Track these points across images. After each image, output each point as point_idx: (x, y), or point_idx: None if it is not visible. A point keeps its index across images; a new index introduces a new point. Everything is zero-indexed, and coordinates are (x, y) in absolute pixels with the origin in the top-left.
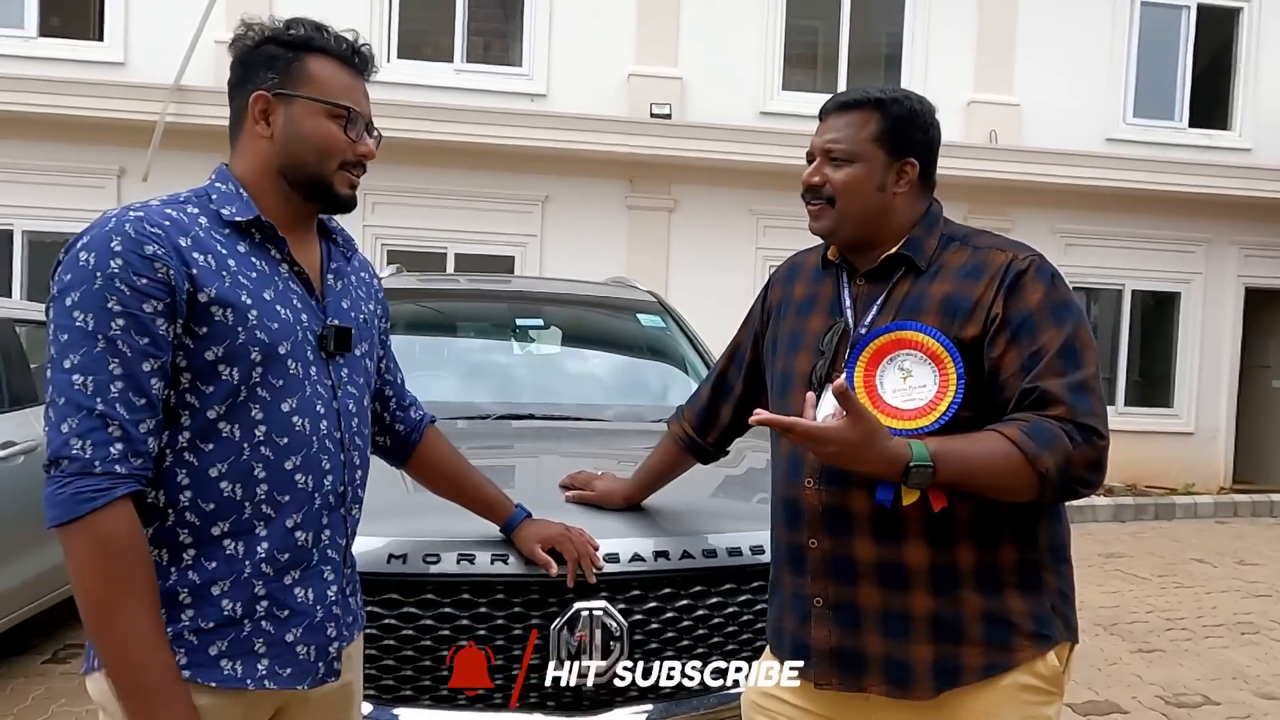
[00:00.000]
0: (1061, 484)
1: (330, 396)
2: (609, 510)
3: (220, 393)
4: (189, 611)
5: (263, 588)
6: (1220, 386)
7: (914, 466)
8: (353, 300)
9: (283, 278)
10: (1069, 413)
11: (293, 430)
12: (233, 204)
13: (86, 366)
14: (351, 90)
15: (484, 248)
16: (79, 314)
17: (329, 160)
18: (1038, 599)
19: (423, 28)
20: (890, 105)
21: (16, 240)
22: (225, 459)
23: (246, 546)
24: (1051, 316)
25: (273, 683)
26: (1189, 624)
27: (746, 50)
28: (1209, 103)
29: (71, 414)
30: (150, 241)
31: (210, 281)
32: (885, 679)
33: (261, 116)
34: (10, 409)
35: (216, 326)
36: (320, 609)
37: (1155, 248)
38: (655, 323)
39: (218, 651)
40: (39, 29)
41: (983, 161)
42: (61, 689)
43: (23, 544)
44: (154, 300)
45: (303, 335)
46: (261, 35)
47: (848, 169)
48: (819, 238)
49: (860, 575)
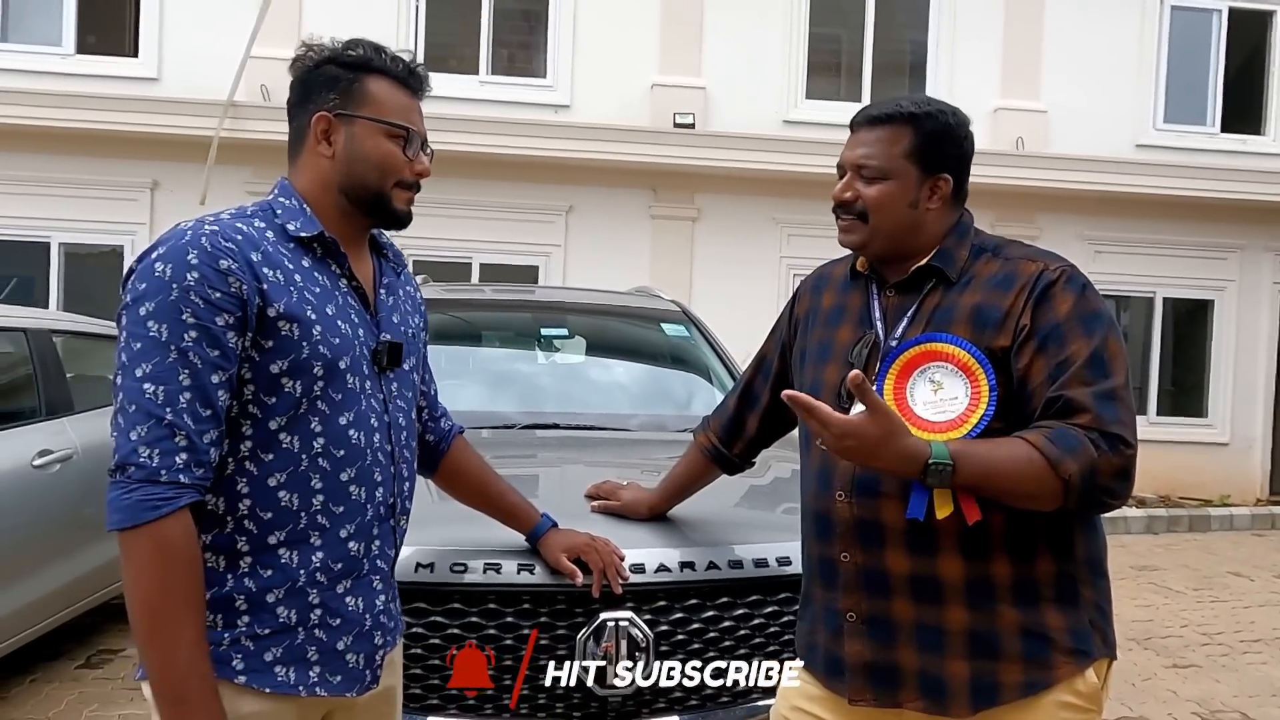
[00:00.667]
0: (1086, 492)
1: (382, 410)
2: (634, 520)
3: (282, 405)
4: (245, 618)
5: (316, 596)
6: (1256, 396)
7: (932, 464)
8: (402, 315)
9: (342, 293)
10: (1095, 420)
11: (349, 443)
12: (297, 219)
13: (158, 376)
14: (409, 110)
15: (508, 257)
16: (153, 324)
17: (388, 178)
18: (1075, 613)
19: (448, 40)
20: (924, 120)
21: (53, 252)
22: (284, 469)
23: (301, 556)
24: (1080, 326)
25: (324, 690)
26: (1226, 639)
27: (770, 59)
28: (1241, 107)
29: (141, 421)
30: (225, 256)
31: (279, 296)
32: (921, 694)
33: (324, 136)
34: (47, 418)
35: (283, 340)
36: (369, 617)
37: (1187, 254)
38: (680, 332)
39: (273, 658)
40: (76, 46)
41: (1010, 169)
42: (95, 694)
43: (59, 550)
44: (226, 314)
45: (360, 350)
46: (322, 56)
47: (879, 185)
48: (850, 249)
49: (893, 589)
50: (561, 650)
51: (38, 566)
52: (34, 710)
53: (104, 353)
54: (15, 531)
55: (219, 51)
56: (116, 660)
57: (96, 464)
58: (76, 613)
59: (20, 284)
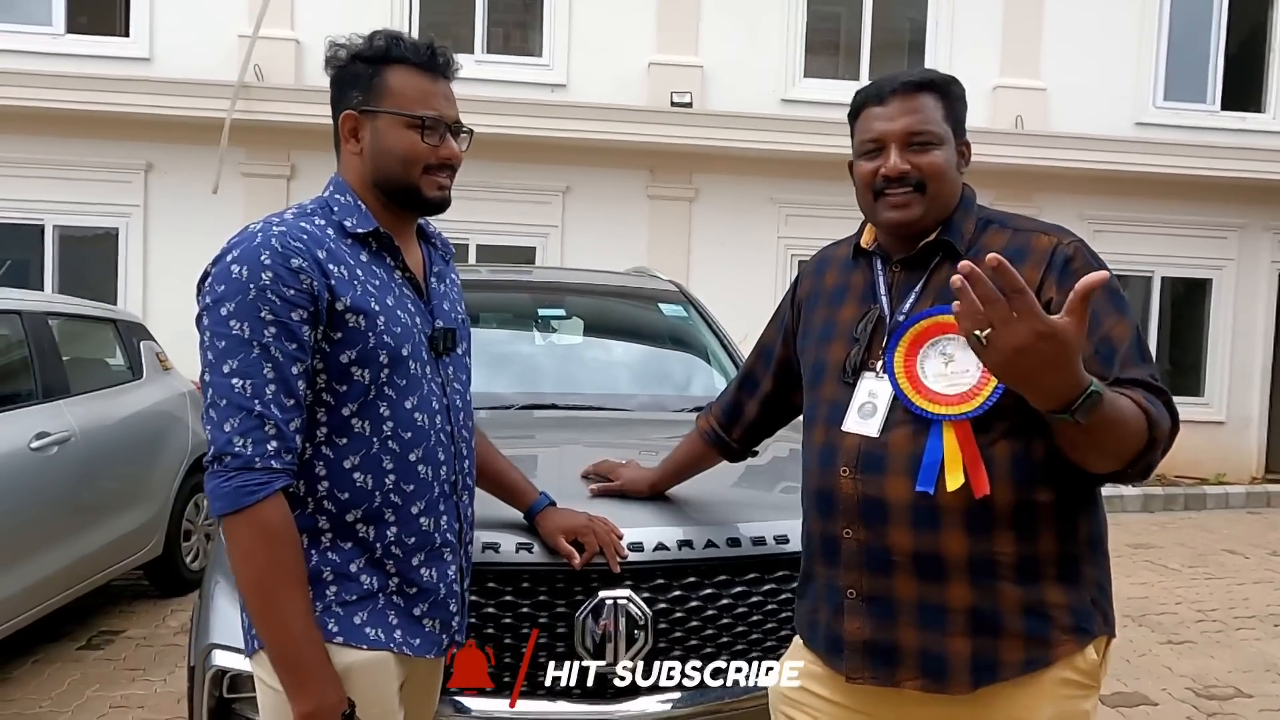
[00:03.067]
0: (1153, 457)
1: (441, 393)
2: (634, 499)
3: (353, 392)
4: (333, 588)
5: (393, 567)
6: (1253, 375)
7: (1093, 389)
8: (451, 301)
9: (398, 284)
10: (1166, 400)
11: (415, 425)
12: (353, 216)
13: (245, 371)
14: (430, 96)
15: (505, 239)
16: (235, 322)
17: (413, 168)
18: (1077, 591)
19: (443, 19)
20: (952, 85)
21: (48, 235)
22: (357, 452)
23: (377, 531)
24: (1110, 303)
25: (408, 649)
26: (1220, 615)
27: (767, 37)
28: (1242, 85)
29: (233, 414)
30: (295, 255)
31: (345, 291)
32: (920, 672)
33: (351, 135)
34: (44, 400)
35: (350, 332)
36: (443, 586)
37: (1186, 233)
38: (678, 312)
39: (361, 620)
40: (66, 26)
41: (1009, 147)
42: (96, 674)
43: (58, 532)
44: (300, 309)
45: (419, 337)
46: (350, 53)
47: (935, 151)
48: (897, 230)
49: (896, 566)
50: (560, 629)
51: (38, 548)
52: (36, 691)
53: (100, 335)
54: (14, 514)
55: (211, 31)
56: (118, 641)
57: (94, 446)
58: (78, 594)
59: (15, 267)
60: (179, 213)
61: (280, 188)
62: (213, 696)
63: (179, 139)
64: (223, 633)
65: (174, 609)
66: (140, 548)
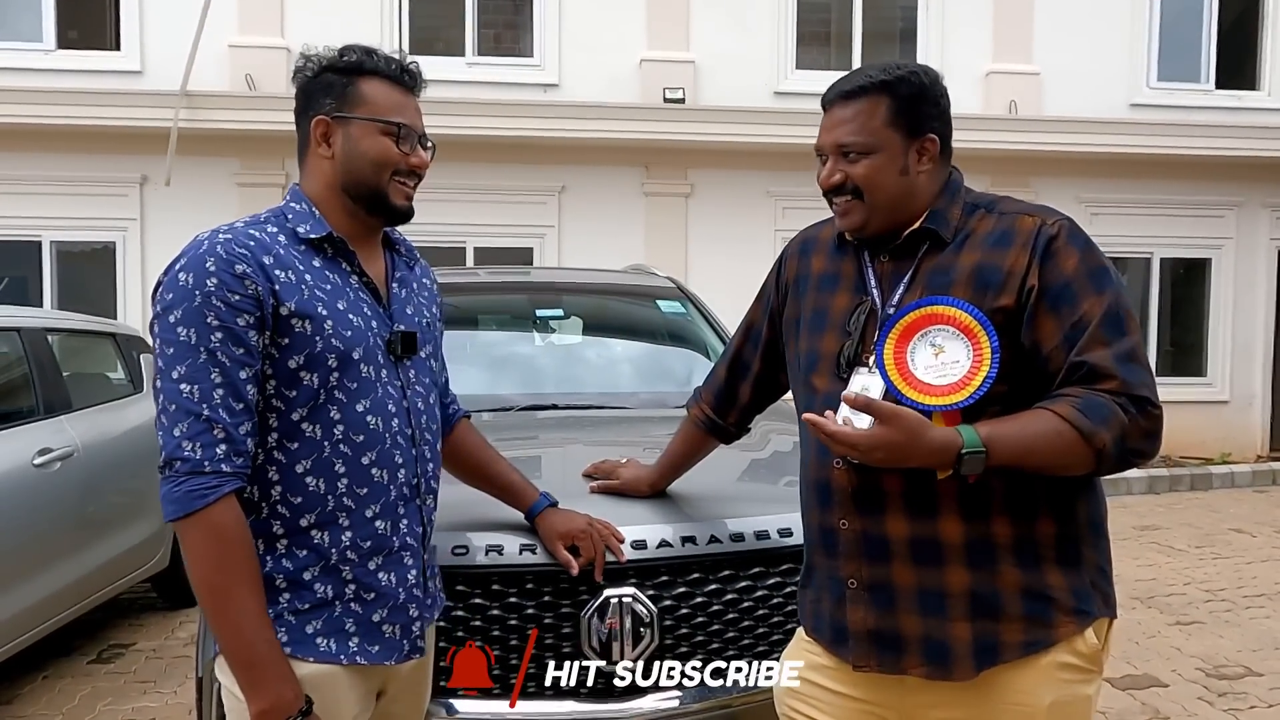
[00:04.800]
0: (1118, 457)
1: (400, 396)
2: (635, 497)
3: (302, 397)
4: (286, 595)
5: (349, 572)
6: (1255, 353)
7: (966, 454)
8: (416, 306)
9: (354, 288)
10: (1121, 385)
11: (367, 429)
12: (307, 222)
13: (192, 376)
14: (402, 107)
15: (502, 240)
16: (182, 329)
17: (384, 172)
18: (1077, 574)
19: (434, 22)
20: (898, 85)
21: (45, 251)
22: (309, 456)
23: (331, 536)
24: (1090, 283)
25: (363, 659)
26: (1229, 595)
27: (758, 30)
28: (1236, 63)
29: (182, 419)
30: (240, 260)
31: (291, 295)
32: (925, 660)
33: (323, 139)
34: (46, 416)
35: (297, 337)
36: (402, 591)
37: (1184, 214)
38: (675, 308)
39: (314, 630)
40: (57, 41)
41: (1003, 133)
42: (107, 688)
43: (65, 547)
44: (246, 314)
45: (373, 341)
46: (320, 65)
47: (867, 161)
48: (851, 235)
49: (893, 554)
50: (566, 628)
51: (44, 564)
52: (47, 706)
53: (100, 350)
54: (20, 531)
55: (203, 44)
56: (128, 654)
57: (97, 461)
58: (86, 609)
59: (14, 284)
60: (176, 225)
61: (275, 197)
62: (221, 705)
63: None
64: None
65: (183, 620)
66: (146, 560)
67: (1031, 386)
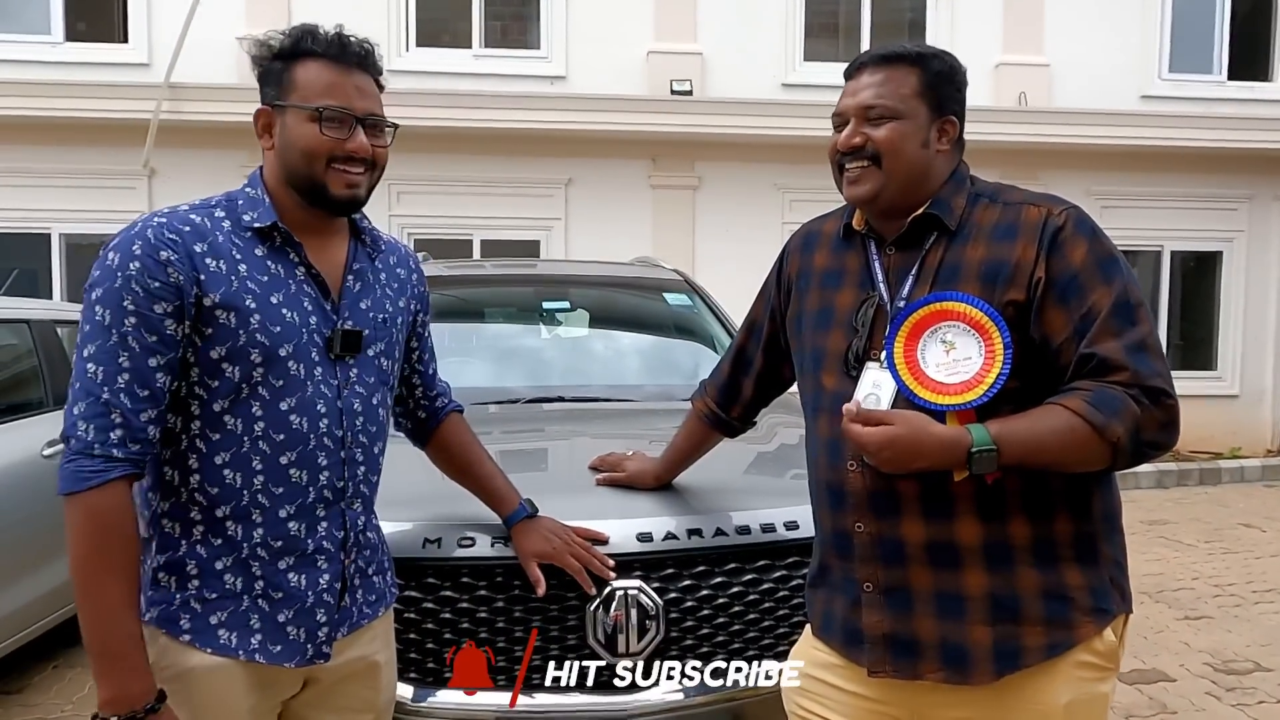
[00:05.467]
0: (1134, 451)
1: (334, 396)
2: (641, 490)
3: (223, 389)
4: (195, 582)
5: (259, 569)
6: (1266, 347)
7: (975, 452)
8: (374, 300)
9: (297, 280)
10: (1133, 377)
11: (289, 428)
12: (255, 209)
13: (99, 357)
14: (336, 87)
15: (509, 233)
16: (99, 309)
17: (315, 162)
18: (1095, 571)
19: (440, 15)
20: (931, 60)
21: (54, 243)
22: (228, 449)
23: (245, 530)
24: (1099, 273)
25: (262, 657)
26: (1238, 590)
27: (766, 22)
28: (1249, 54)
29: (82, 398)
30: (166, 247)
31: (216, 286)
32: (943, 665)
33: (265, 130)
34: (55, 408)
35: (220, 329)
36: (311, 595)
37: (1195, 206)
38: (682, 301)
39: (217, 621)
40: (65, 34)
41: (1013, 125)
42: None
43: None
44: (164, 302)
45: (308, 337)
46: (269, 51)
47: (891, 124)
48: (858, 204)
49: (910, 557)
50: (572, 621)
51: (54, 555)
52: (57, 696)
53: None
54: (30, 522)
55: (209, 34)
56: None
57: None
58: None
59: (23, 276)
60: None
61: None
62: None
63: (180, 143)
64: None
65: None
66: None
67: (1044, 382)
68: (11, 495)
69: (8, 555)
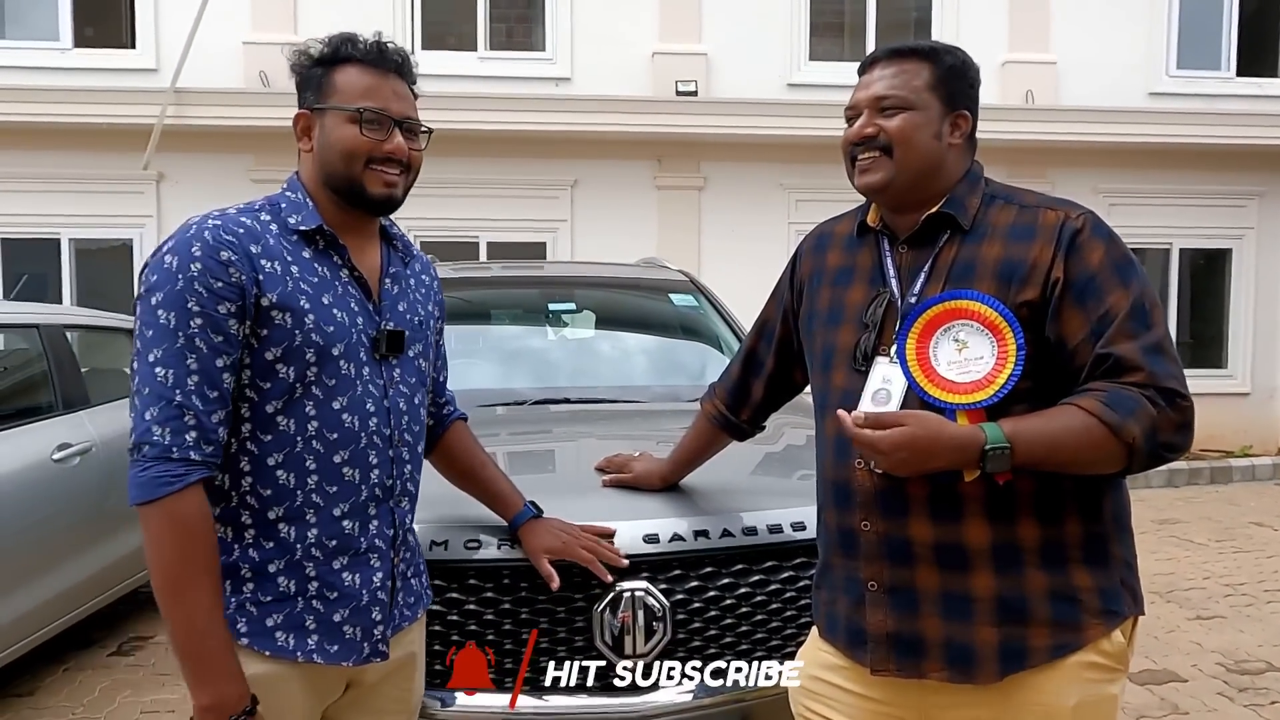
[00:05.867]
0: (1150, 452)
1: (381, 395)
2: (647, 491)
3: (277, 389)
4: (249, 585)
5: (313, 570)
6: (1276, 344)
7: (990, 450)
8: (409, 303)
9: (342, 282)
10: (1148, 378)
11: (342, 427)
12: (299, 213)
13: (168, 360)
14: (375, 91)
15: (515, 235)
16: (162, 312)
17: (354, 162)
18: (1105, 573)
19: (445, 18)
20: (944, 55)
21: (64, 248)
22: (281, 450)
23: (298, 531)
24: (1116, 276)
25: (320, 658)
26: (1249, 589)
27: (771, 21)
28: (1257, 50)
29: (154, 403)
30: (226, 248)
31: (274, 287)
32: (947, 664)
33: (304, 133)
34: (64, 412)
35: (276, 329)
36: (366, 593)
37: (1204, 204)
38: (688, 302)
39: (274, 624)
40: (73, 40)
41: (1019, 123)
42: (126, 680)
43: (85, 541)
44: (228, 302)
45: (357, 338)
46: (308, 59)
47: (903, 115)
48: (868, 194)
49: (917, 557)
50: (579, 622)
51: (65, 558)
52: (68, 699)
53: (118, 345)
54: (41, 525)
55: (217, 39)
56: (148, 647)
57: (116, 455)
58: (106, 601)
59: (34, 281)
60: None
61: None
62: None
63: (189, 148)
64: None
65: None
66: None
67: (1057, 382)
68: (22, 499)
69: (19, 559)
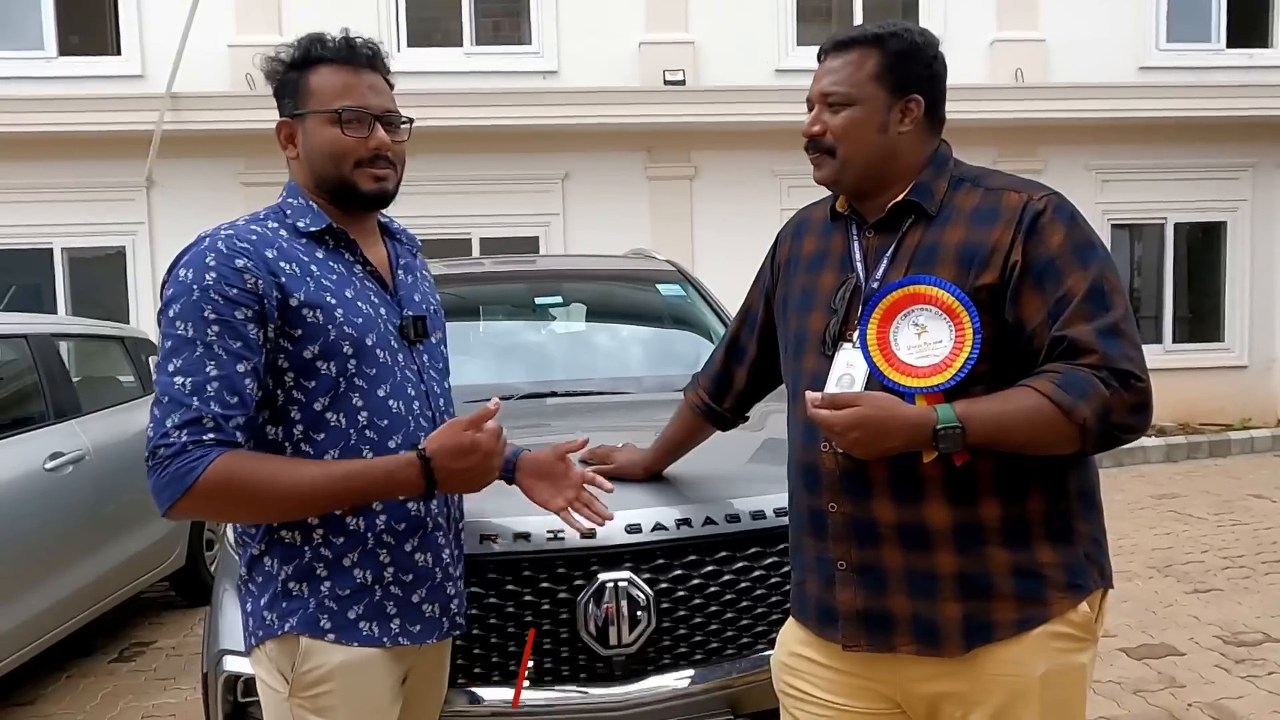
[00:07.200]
0: (1102, 433)
1: (418, 380)
2: (630, 481)
3: (322, 386)
4: (327, 582)
5: (387, 556)
6: (1274, 316)
7: (942, 429)
8: (423, 293)
9: (358, 277)
10: (1103, 359)
11: (391, 413)
12: (306, 216)
13: (186, 369)
14: (350, 89)
15: (507, 230)
16: (180, 323)
17: (342, 163)
18: (1070, 549)
19: (431, 14)
20: (889, 40)
21: (57, 257)
22: (336, 445)
23: (366, 521)
24: (1076, 259)
25: (406, 639)
26: (1248, 561)
27: (758, 8)
28: (1247, 20)
29: (174, 410)
30: (240, 255)
31: (298, 287)
32: (914, 638)
33: (288, 141)
34: (56, 421)
35: (309, 327)
36: (439, 570)
37: (1198, 177)
38: (675, 292)
39: (356, 615)
40: (59, 49)
41: (1009, 102)
42: (128, 686)
43: (81, 549)
44: (244, 308)
45: (384, 327)
46: (280, 64)
47: (845, 113)
48: (824, 187)
49: (882, 537)
50: (564, 614)
51: (61, 566)
52: (70, 705)
53: (109, 353)
54: (36, 533)
55: (201, 44)
56: (148, 652)
57: (108, 463)
58: (105, 608)
59: (28, 290)
60: (184, 227)
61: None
62: (227, 701)
63: (177, 153)
64: (233, 638)
65: (201, 618)
66: (163, 560)
67: (1017, 365)
68: (15, 509)
69: (14, 568)
